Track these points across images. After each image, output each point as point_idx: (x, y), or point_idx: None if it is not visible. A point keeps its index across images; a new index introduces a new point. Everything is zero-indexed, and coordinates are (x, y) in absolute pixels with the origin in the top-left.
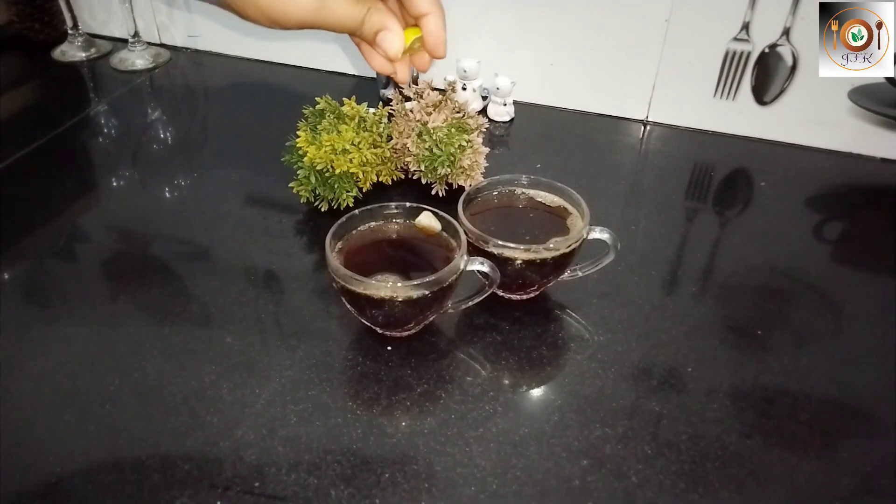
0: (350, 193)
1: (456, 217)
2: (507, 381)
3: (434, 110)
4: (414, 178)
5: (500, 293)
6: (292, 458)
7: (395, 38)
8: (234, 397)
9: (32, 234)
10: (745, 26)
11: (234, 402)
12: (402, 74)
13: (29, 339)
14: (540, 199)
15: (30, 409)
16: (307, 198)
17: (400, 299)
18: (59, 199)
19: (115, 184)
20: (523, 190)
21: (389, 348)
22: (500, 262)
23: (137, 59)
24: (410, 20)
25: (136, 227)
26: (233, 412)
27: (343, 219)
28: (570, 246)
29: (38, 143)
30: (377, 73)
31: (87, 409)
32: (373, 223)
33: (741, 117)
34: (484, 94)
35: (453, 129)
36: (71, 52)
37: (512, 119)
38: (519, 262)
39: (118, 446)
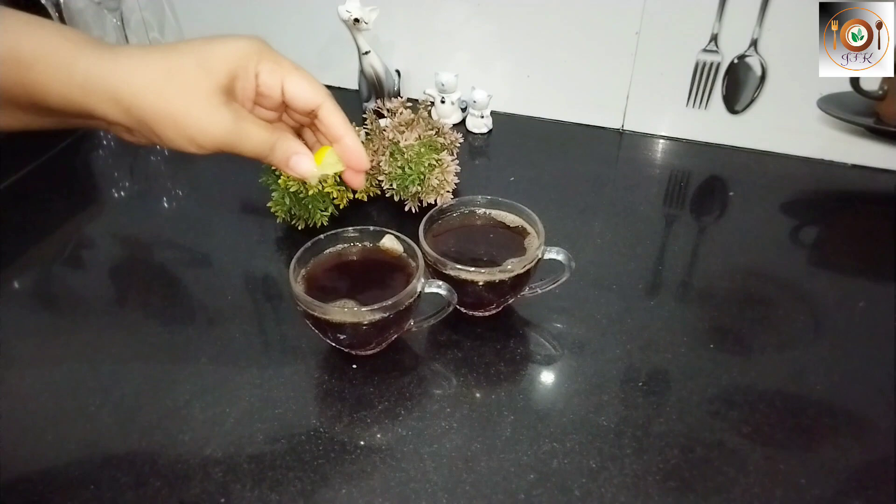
0: (325, 213)
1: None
2: (464, 398)
3: (406, 129)
4: (387, 195)
5: (463, 310)
6: (256, 475)
7: (305, 161)
8: (206, 416)
9: (25, 252)
10: (714, 38)
11: (206, 421)
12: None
13: (15, 357)
14: (501, 219)
15: (15, 427)
16: (283, 217)
17: (360, 323)
18: (46, 222)
19: (113, 196)
20: (484, 210)
21: (355, 366)
22: (458, 283)
23: None
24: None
25: (119, 246)
26: (203, 431)
27: (308, 243)
28: (524, 267)
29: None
30: (360, 86)
31: (69, 429)
32: (340, 246)
33: (713, 126)
34: (463, 107)
35: (423, 149)
36: None
37: (490, 130)
38: (478, 283)
39: (96, 464)
